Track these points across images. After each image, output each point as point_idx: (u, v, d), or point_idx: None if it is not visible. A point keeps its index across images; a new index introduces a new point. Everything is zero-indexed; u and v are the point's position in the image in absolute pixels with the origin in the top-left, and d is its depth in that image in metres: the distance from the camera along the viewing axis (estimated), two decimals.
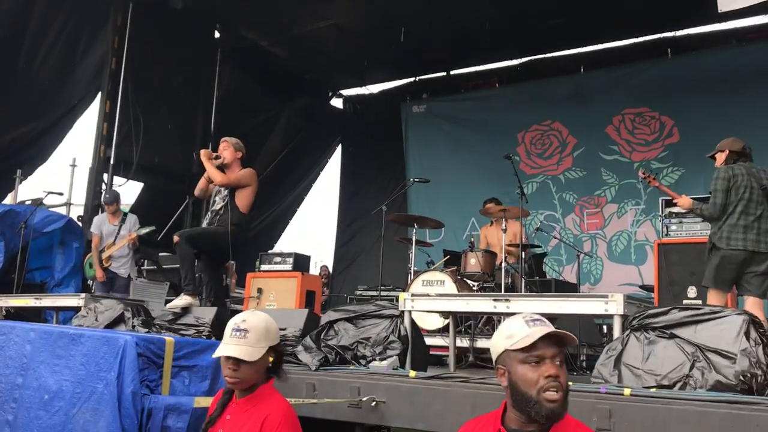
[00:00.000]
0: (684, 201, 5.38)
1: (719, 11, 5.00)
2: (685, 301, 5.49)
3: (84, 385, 3.83)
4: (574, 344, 1.81)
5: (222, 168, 5.61)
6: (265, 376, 2.55)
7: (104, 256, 7.59)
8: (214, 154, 5.65)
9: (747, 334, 3.12)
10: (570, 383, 3.22)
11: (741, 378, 3.02)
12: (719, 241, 4.94)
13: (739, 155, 5.22)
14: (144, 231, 7.69)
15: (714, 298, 4.90)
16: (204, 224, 5.86)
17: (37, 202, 9.50)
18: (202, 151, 5.65)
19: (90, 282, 8.11)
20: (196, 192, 5.87)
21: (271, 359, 2.54)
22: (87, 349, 3.92)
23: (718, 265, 4.92)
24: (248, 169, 5.67)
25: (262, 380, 2.53)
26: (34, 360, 4.18)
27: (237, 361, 2.45)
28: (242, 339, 2.48)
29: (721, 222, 4.97)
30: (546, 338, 1.82)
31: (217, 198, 5.68)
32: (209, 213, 5.72)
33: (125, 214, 7.88)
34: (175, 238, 5.48)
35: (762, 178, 5.07)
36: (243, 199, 5.54)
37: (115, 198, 7.95)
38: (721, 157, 5.31)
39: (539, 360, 1.82)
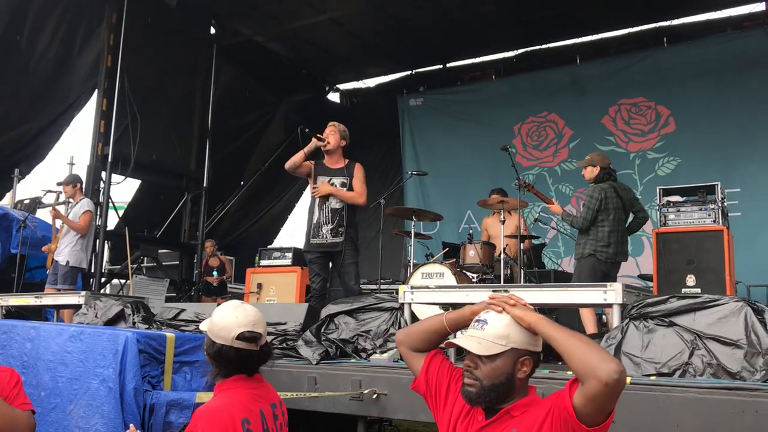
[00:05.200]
0: (557, 208, 5.91)
1: None
2: (684, 290, 5.50)
3: (81, 382, 3.86)
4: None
5: (321, 151, 5.72)
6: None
7: (52, 246, 7.22)
8: (319, 137, 5.72)
9: (746, 321, 3.15)
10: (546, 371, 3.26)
11: (745, 364, 3.04)
12: (593, 251, 5.47)
13: (607, 171, 5.73)
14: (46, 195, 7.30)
15: None
16: (317, 217, 5.69)
17: (36, 201, 9.50)
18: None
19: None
20: (288, 165, 5.80)
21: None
22: (86, 346, 3.93)
23: (591, 270, 5.42)
24: (362, 168, 5.82)
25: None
26: (34, 357, 4.20)
27: None
28: None
29: (593, 234, 5.52)
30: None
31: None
32: (325, 210, 5.63)
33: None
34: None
35: (631, 198, 5.81)
36: None
37: (69, 182, 7.46)
38: (594, 172, 5.73)
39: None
